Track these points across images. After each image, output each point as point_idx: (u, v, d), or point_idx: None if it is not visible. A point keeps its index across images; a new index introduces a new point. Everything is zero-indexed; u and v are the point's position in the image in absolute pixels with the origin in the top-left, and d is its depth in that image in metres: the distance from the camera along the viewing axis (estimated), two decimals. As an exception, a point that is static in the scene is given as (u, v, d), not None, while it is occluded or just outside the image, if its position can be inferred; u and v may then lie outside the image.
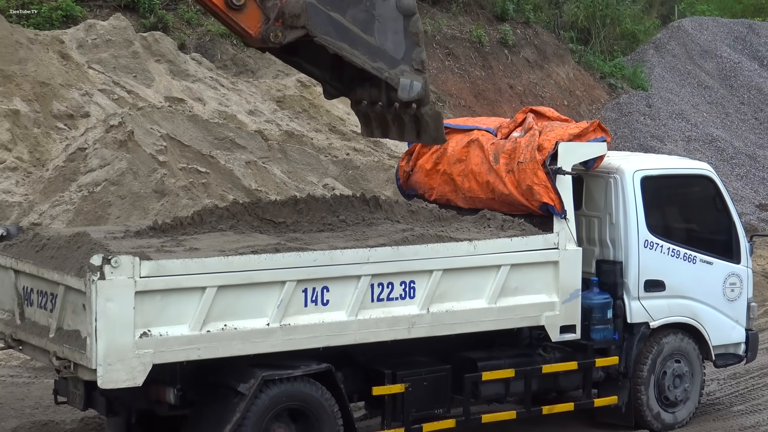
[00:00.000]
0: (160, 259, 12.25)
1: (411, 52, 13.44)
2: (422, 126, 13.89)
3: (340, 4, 13.08)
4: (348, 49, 13.15)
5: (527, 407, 14.92)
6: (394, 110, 13.95)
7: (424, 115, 13.78)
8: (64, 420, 15.12)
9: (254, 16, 13.29)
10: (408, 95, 13.43)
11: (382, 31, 13.27)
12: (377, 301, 13.39)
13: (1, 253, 13.60)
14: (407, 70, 13.40)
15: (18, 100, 24.49)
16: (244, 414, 12.68)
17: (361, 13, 13.15)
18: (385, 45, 13.30)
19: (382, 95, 13.95)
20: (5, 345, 13.74)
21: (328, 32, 13.04)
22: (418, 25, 13.56)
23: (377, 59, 13.30)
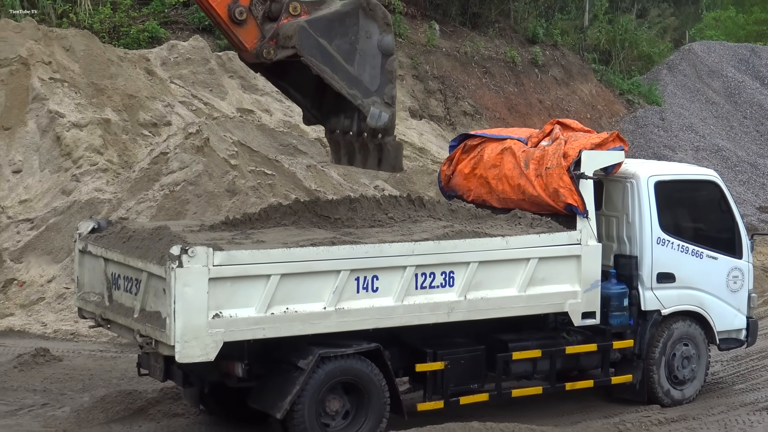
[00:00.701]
0: (231, 250, 12.28)
1: (384, 87, 13.32)
2: (384, 154, 13.62)
3: (328, 33, 13.01)
4: (329, 72, 13.01)
5: (552, 384, 14.86)
6: (362, 139, 13.82)
7: (387, 144, 13.53)
8: (146, 390, 15.17)
9: (252, 32, 13.24)
10: (375, 123, 13.27)
11: (361, 64, 13.16)
12: (420, 288, 13.36)
13: (92, 244, 13.66)
14: (378, 101, 13.25)
15: (109, 110, 24.63)
16: (303, 386, 12.70)
17: (345, 44, 13.05)
18: (362, 76, 13.17)
19: (354, 125, 13.84)
20: (96, 323, 13.82)
21: (314, 55, 12.93)
22: (394, 65, 13.45)
23: (353, 87, 13.13)
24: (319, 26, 12.96)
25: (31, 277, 21.40)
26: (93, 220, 14.23)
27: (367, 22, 13.17)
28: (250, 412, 13.48)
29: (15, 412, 14.91)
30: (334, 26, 13.02)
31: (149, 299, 12.44)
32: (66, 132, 23.57)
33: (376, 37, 13.21)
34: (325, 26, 12.99)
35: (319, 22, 12.99)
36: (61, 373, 16.86)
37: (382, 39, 13.26)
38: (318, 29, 12.94)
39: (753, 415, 15.29)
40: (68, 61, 25.38)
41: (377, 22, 13.24)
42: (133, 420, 14.51)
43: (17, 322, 20.18)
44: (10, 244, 22.06)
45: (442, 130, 31.35)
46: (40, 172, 23.35)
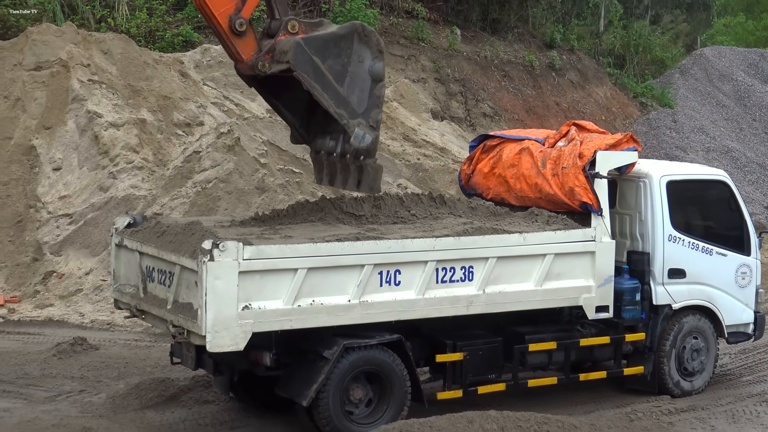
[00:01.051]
0: (260, 245, 12.29)
1: (371, 111, 13.26)
2: (363, 175, 13.56)
3: (323, 52, 12.96)
4: (319, 89, 12.94)
5: (567, 374, 14.84)
6: (344, 161, 13.75)
7: (367, 166, 13.45)
8: (178, 377, 15.21)
9: (250, 44, 13.23)
10: (358, 144, 13.20)
11: (351, 86, 13.11)
12: (441, 282, 13.35)
13: (128, 238, 13.70)
14: (364, 123, 13.20)
15: (145, 110, 24.69)
16: (328, 375, 12.71)
17: (338, 65, 13.01)
18: (350, 97, 13.12)
19: (338, 147, 13.78)
20: (131, 314, 13.86)
21: (306, 71, 12.88)
22: (383, 91, 13.40)
23: (341, 107, 13.09)
24: (315, 45, 12.94)
25: (69, 269, 21.48)
26: (129, 216, 14.27)
27: (361, 47, 13.17)
28: (277, 400, 13.50)
29: (54, 398, 14.98)
30: (328, 47, 13.00)
31: (182, 291, 12.47)
32: (104, 131, 23.64)
33: (368, 63, 13.20)
34: (320, 45, 12.96)
35: (314, 41, 12.97)
36: (97, 361, 16.93)
37: (373, 65, 13.24)
38: (313, 47, 12.91)
39: (760, 405, 15.25)
40: (106, 64, 25.46)
41: (371, 49, 13.25)
42: (165, 406, 14.55)
43: (56, 312, 20.28)
44: (50, 238, 22.15)
45: (462, 130, 31.31)
46: (79, 169, 23.43)
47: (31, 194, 23.04)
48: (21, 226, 22.56)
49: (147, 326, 18.05)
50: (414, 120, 27.98)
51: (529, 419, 13.21)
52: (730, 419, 14.59)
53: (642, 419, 14.36)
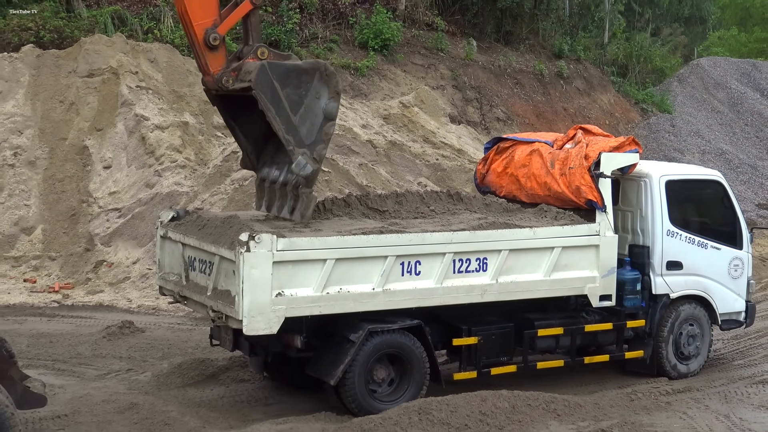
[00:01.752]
0: (292, 237, 12.31)
1: (317, 145, 12.83)
2: (298, 203, 13.14)
3: (284, 80, 12.61)
4: (273, 112, 12.56)
5: (572, 357, 14.80)
6: (284, 189, 13.38)
7: (303, 195, 12.98)
8: (217, 358, 15.24)
9: (219, 59, 13.01)
10: (299, 171, 12.71)
11: (303, 117, 12.74)
12: (457, 272, 13.33)
13: (172, 230, 13.73)
14: (308, 154, 12.73)
15: (187, 114, 24.74)
16: (354, 357, 12.72)
17: (295, 95, 12.66)
18: (300, 127, 12.71)
19: (281, 177, 13.41)
20: (174, 300, 13.90)
21: (265, 92, 12.51)
22: (332, 130, 13.01)
23: (290, 133, 12.67)
24: (277, 71, 12.64)
25: (118, 259, 21.55)
26: (172, 210, 14.29)
27: (321, 85, 12.83)
28: (307, 379, 13.51)
29: (104, 376, 15.04)
30: (290, 76, 12.67)
31: (221, 279, 12.49)
32: (150, 133, 23.71)
33: (324, 101, 12.85)
34: (283, 73, 12.65)
35: (278, 68, 12.68)
36: (143, 342, 16.98)
37: (328, 104, 12.89)
38: (275, 73, 12.61)
39: (750, 387, 15.17)
40: (152, 71, 25.52)
41: (329, 88, 12.90)
42: (205, 384, 14.58)
43: (106, 298, 20.35)
44: (101, 230, 22.23)
45: (477, 133, 31.25)
46: (127, 167, 23.49)
47: (84, 190, 23.13)
48: (74, 219, 22.65)
49: (188, 311, 18.09)
50: (433, 124, 27.94)
51: (537, 398, 13.23)
52: (722, 400, 14.52)
53: (642, 399, 14.32)
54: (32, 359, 15.64)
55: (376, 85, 30.67)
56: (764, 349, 17.59)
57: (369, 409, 12.80)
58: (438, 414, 12.42)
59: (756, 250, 24.65)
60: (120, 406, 12.97)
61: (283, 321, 12.18)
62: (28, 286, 20.88)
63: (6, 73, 24.74)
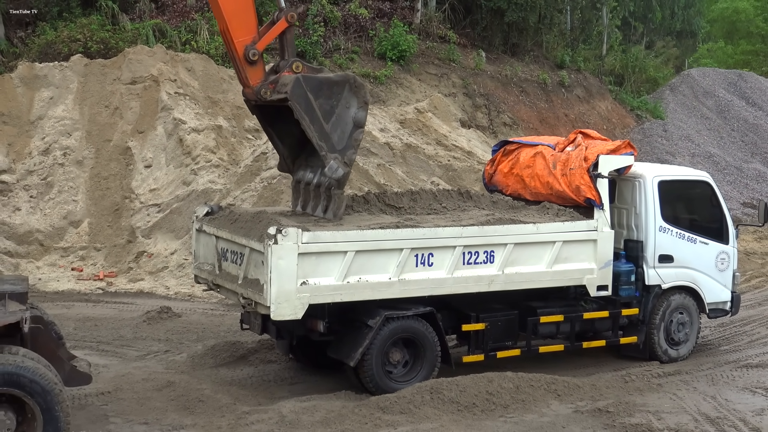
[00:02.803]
0: (316, 231, 12.30)
1: (347, 151, 12.91)
2: (330, 203, 13.26)
3: (317, 91, 12.75)
4: (307, 121, 12.72)
5: (572, 342, 14.77)
6: (317, 191, 13.50)
7: (335, 196, 13.12)
8: (246, 341, 15.25)
9: (258, 73, 13.20)
10: (331, 174, 12.81)
11: (335, 125, 12.85)
12: (467, 264, 13.30)
13: (207, 224, 13.75)
14: (339, 159, 12.84)
15: (221, 118, 24.76)
16: (372, 341, 12.72)
17: (327, 105, 12.80)
18: (332, 135, 12.83)
19: (315, 179, 13.54)
20: (208, 287, 13.92)
21: (300, 103, 12.68)
22: (360, 136, 13.06)
23: (323, 140, 12.81)
24: (311, 83, 12.77)
25: (157, 250, 21.59)
26: (207, 206, 14.31)
27: (350, 95, 12.94)
28: (329, 361, 13.50)
29: (143, 357, 15.07)
30: (323, 88, 12.81)
31: (250, 269, 12.50)
32: (187, 135, 23.74)
33: (353, 110, 12.95)
34: (316, 85, 12.79)
35: (312, 81, 12.81)
36: (180, 326, 17.01)
37: (357, 113, 12.99)
38: (309, 85, 12.75)
39: (735, 371, 15.11)
40: (189, 79, 25.55)
41: (358, 99, 12.99)
42: (236, 365, 14.60)
43: (146, 285, 20.39)
44: (142, 223, 22.28)
45: (486, 137, 31.17)
46: (166, 167, 23.52)
47: (127, 187, 23.17)
48: (118, 213, 22.69)
49: (221, 298, 18.10)
50: (445, 128, 27.88)
51: (539, 379, 13.20)
52: (710, 382, 14.46)
53: (635, 381, 14.27)
54: (78, 341, 15.68)
55: (393, 93, 30.62)
56: (748, 336, 17.52)
57: (385, 389, 12.80)
58: (448, 393, 12.42)
59: (741, 245, 24.53)
60: (158, 384, 13.01)
61: (307, 307, 12.18)
62: (75, 275, 20.94)
63: (57, 80, 24.82)
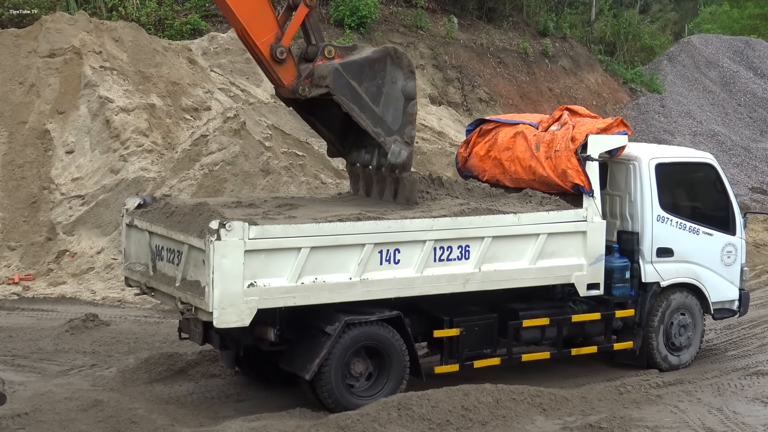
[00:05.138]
0: (265, 225, 12.26)
1: (405, 128, 13.63)
2: (400, 188, 13.88)
3: (359, 76, 13.38)
4: (357, 111, 13.37)
5: (559, 349, 14.82)
6: (380, 173, 14.18)
7: (404, 179, 13.77)
8: (186, 352, 15.20)
9: (290, 70, 13.67)
10: (395, 160, 13.56)
11: (386, 105, 13.53)
12: (439, 261, 13.31)
13: (138, 218, 13.67)
14: (399, 140, 13.58)
15: (154, 96, 24.64)
16: (330, 350, 12.70)
17: (373, 87, 13.44)
18: (386, 116, 13.53)
19: (373, 160, 14.23)
20: (140, 291, 13.86)
21: (345, 94, 13.32)
22: (415, 109, 13.77)
23: (378, 125, 13.50)
24: (351, 69, 13.35)
25: (82, 248, 21.46)
26: (139, 197, 14.24)
27: (394, 68, 13.58)
28: (281, 374, 13.47)
29: (66, 372, 14.97)
30: (364, 70, 13.41)
31: (190, 269, 12.45)
32: (115, 116, 23.60)
33: (400, 83, 13.62)
34: (357, 70, 13.37)
35: (351, 66, 13.38)
36: (108, 336, 16.92)
37: (405, 85, 13.65)
38: (350, 72, 13.32)
39: (744, 379, 15.22)
40: (117, 51, 25.39)
41: (402, 70, 13.66)
42: (174, 380, 14.54)
43: (69, 289, 20.27)
44: (63, 218, 22.13)
45: (459, 115, 31.24)
46: (91, 152, 23.38)
47: (45, 176, 23.01)
48: (35, 206, 22.53)
49: (156, 303, 18.02)
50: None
51: (522, 392, 13.25)
52: (715, 392, 14.57)
53: (631, 392, 14.35)
54: (-9, 355, 15.59)
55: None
56: (759, 339, 17.67)
57: (346, 405, 12.78)
58: (418, 409, 12.42)
59: (749, 235, 24.75)
60: (84, 404, 12.91)
61: (255, 313, 12.13)
62: (-14, 278, 20.80)
63: (-38, 53, 24.60)
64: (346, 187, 20.54)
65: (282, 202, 14.15)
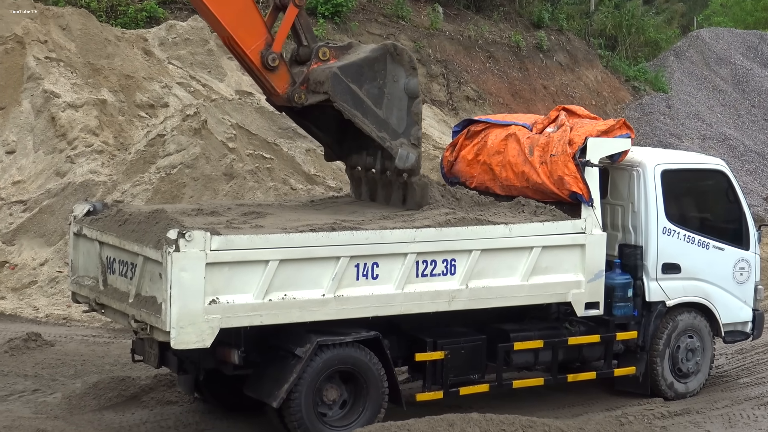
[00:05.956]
0: (229, 235, 12.26)
1: (411, 129, 13.98)
2: (410, 193, 14.20)
3: (359, 78, 13.67)
4: (360, 117, 13.67)
5: (554, 375, 14.85)
6: (385, 177, 14.50)
7: (414, 184, 14.11)
8: (139, 376, 15.17)
9: (284, 77, 13.90)
10: (403, 165, 13.91)
11: (389, 107, 13.86)
12: (421, 276, 13.33)
13: (87, 227, 13.65)
14: (405, 143, 13.93)
15: (105, 90, 24.61)
16: (300, 374, 12.68)
17: (374, 88, 13.76)
18: (390, 119, 13.86)
19: (377, 163, 14.52)
20: (89, 308, 13.81)
21: (346, 100, 13.59)
22: (420, 107, 14.14)
23: (382, 130, 13.81)
24: (350, 72, 13.62)
25: (23, 260, 21.40)
26: (88, 203, 14.22)
27: (394, 66, 13.90)
28: (246, 401, 13.47)
29: (5, 398, 14.91)
30: (363, 72, 13.72)
31: (145, 284, 12.43)
32: (61, 112, 23.55)
33: (402, 81, 13.98)
34: (356, 72, 13.66)
35: (350, 68, 13.65)
36: (52, 358, 16.85)
37: (408, 82, 13.99)
38: (349, 75, 13.59)
39: (758, 409, 15.29)
40: (64, 40, 25.35)
41: (404, 67, 13.97)
42: (125, 407, 14.51)
43: (8, 305, 20.19)
44: (3, 226, 22.06)
45: (444, 115, 31.32)
46: (34, 153, 23.34)
47: (-17, 179, 22.97)
48: (-29, 213, 22.47)
49: (106, 321, 17.99)
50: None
51: (513, 422, 13.24)
52: (726, 423, 14.63)
53: (633, 423, 14.39)
54: None
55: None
56: (774, 365, 17.76)
57: (318, 436, 12.78)
58: (398, 441, 12.42)
59: (765, 250, 24.86)
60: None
61: (217, 333, 12.11)
62: None
63: None
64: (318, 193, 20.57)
65: (247, 210, 14.15)
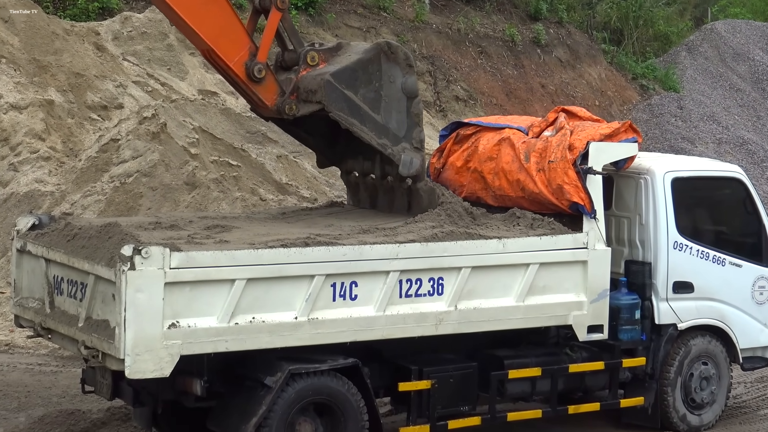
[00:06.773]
0: (190, 251, 12.25)
1: (412, 131, 14.28)
2: (414, 199, 14.47)
3: (353, 83, 13.91)
4: (358, 125, 13.92)
5: (553, 406, 14.86)
6: (387, 183, 14.76)
7: (419, 190, 14.40)
8: (90, 409, 15.15)
9: (271, 88, 14.09)
10: (407, 171, 14.18)
11: (387, 110, 14.12)
12: (405, 296, 13.35)
13: (32, 242, 13.62)
14: (408, 147, 14.19)
15: (53, 90, 24.59)
16: (270, 407, 12.66)
17: (370, 92, 14.02)
18: (389, 123, 14.13)
19: (376, 168, 14.79)
20: (34, 333, 13.78)
21: (341, 108, 13.80)
22: (420, 107, 14.42)
23: (382, 136, 14.07)
24: (344, 77, 13.84)
25: (-39, 279, 21.36)
26: (33, 216, 14.18)
27: (390, 66, 14.17)
28: (210, 436, 13.46)
29: (-59, 434, 14.89)
30: (358, 75, 13.97)
31: (96, 306, 12.41)
32: (3, 115, 23.54)
33: (399, 81, 14.22)
34: (350, 77, 13.89)
35: (343, 74, 13.85)
36: (-6, 389, 16.83)
37: (405, 81, 14.25)
38: (343, 81, 13.81)
39: (780, 444, 15.36)
40: (6, 34, 25.34)
41: (399, 65, 14.23)
42: (76, 443, 14.50)
43: (-55, 330, 20.16)
44: (-62, 241, 22.03)
45: (431, 117, 31.38)
46: (-27, 159, 23.31)
47: None
48: None
49: (54, 347, 17.96)
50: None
51: (508, 459, 13.29)
52: (744, 460, 14.69)
53: (642, 460, 14.45)
54: None
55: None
56: (797, 395, 17.81)
57: (290, 475, 12.80)
58: (379, 480, 12.43)
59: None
60: (-37, 473, 12.87)
61: (177, 360, 12.09)
62: None
63: None
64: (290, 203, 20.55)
65: (211, 223, 14.14)
